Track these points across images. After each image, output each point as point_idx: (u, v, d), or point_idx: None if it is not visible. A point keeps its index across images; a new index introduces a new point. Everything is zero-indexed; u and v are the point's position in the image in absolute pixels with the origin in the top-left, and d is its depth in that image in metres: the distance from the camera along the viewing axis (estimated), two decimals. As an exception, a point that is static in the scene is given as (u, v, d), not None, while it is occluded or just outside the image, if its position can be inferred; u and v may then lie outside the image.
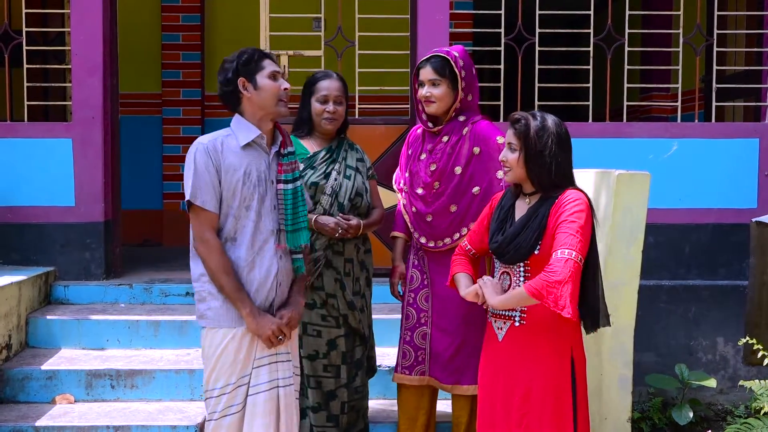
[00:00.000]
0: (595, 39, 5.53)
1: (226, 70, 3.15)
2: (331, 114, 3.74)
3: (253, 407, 3.13)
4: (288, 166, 3.20)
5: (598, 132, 5.46)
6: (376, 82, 5.81)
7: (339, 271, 3.73)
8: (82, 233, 5.43)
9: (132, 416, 4.27)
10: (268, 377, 3.16)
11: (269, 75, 3.14)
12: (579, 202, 2.92)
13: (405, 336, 3.85)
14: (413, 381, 3.82)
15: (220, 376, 3.12)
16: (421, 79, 3.71)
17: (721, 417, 5.07)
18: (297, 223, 3.22)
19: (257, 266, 3.13)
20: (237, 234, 3.11)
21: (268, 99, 3.14)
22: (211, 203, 3.06)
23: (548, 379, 2.96)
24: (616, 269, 3.83)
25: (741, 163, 5.44)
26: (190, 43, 8.03)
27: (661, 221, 5.26)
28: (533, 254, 2.96)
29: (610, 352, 3.83)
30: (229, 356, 3.11)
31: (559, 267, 2.82)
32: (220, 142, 3.11)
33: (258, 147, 3.17)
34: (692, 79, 5.92)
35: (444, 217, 3.72)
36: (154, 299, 5.30)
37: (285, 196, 3.19)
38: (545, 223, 2.93)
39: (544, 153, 2.95)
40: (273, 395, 3.17)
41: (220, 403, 3.12)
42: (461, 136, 3.70)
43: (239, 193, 3.09)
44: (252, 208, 3.12)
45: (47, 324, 4.89)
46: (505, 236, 3.02)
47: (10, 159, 5.42)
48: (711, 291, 5.26)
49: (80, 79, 5.41)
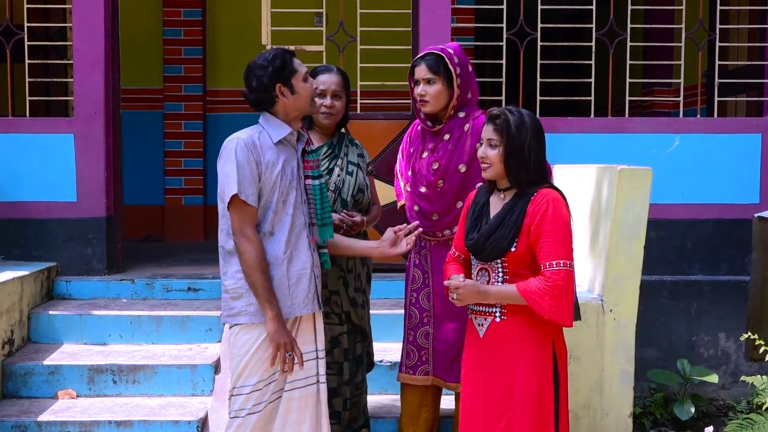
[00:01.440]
0: (597, 34, 5.52)
1: (259, 76, 3.13)
2: (328, 108, 3.69)
3: (288, 403, 3.17)
4: (313, 162, 3.27)
5: (600, 127, 5.45)
6: (377, 77, 5.80)
7: (342, 268, 3.72)
8: (84, 228, 5.44)
9: (134, 411, 4.27)
10: (305, 374, 3.19)
11: (304, 77, 3.18)
12: (555, 204, 2.93)
13: (408, 336, 3.84)
14: (417, 381, 3.81)
15: (253, 372, 3.12)
16: (416, 78, 3.67)
17: (723, 412, 5.07)
18: (325, 217, 3.28)
19: (295, 259, 3.16)
20: (275, 228, 3.14)
21: (304, 101, 3.21)
22: (252, 197, 3.07)
23: (530, 373, 2.96)
24: (618, 264, 3.83)
25: (743, 158, 5.44)
26: (192, 38, 8.01)
27: (663, 216, 5.25)
28: (510, 251, 2.95)
29: (611, 347, 3.83)
30: (266, 352, 3.11)
31: (560, 280, 2.86)
32: (257, 137, 3.13)
33: (288, 144, 3.21)
34: (695, 74, 5.92)
35: (449, 213, 3.71)
36: (156, 294, 5.30)
37: (314, 190, 3.25)
38: (521, 221, 2.94)
39: (524, 148, 2.95)
40: (311, 391, 3.21)
41: (250, 401, 3.12)
42: (463, 132, 3.68)
43: (278, 188, 3.12)
44: (289, 202, 3.16)
45: (49, 319, 4.89)
46: (481, 234, 3.02)
47: (11, 154, 5.42)
48: (713, 286, 5.26)
49: (82, 74, 5.41)
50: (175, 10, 8.00)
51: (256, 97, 3.17)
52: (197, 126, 8.00)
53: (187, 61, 8.01)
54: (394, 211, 4.85)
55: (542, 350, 2.98)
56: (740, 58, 6.60)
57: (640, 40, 6.25)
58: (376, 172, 4.23)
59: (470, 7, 7.59)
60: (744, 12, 6.45)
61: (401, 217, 3.94)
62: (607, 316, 3.83)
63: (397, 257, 4.39)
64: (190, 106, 8.06)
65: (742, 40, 6.56)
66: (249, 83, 3.17)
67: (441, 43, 4.20)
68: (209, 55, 8.06)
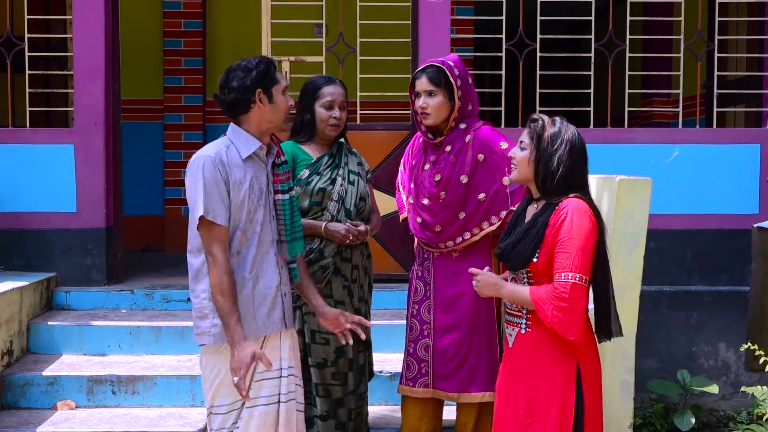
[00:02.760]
0: (597, 45, 5.54)
1: (241, 78, 3.06)
2: (337, 120, 3.71)
3: (248, 420, 3.10)
4: (283, 176, 3.19)
5: (600, 138, 5.46)
6: (377, 87, 5.82)
7: (347, 278, 3.72)
8: (84, 239, 5.43)
9: (133, 422, 4.26)
10: (268, 392, 3.13)
11: (283, 90, 3.13)
12: (576, 214, 2.85)
13: (409, 348, 3.83)
14: (417, 393, 3.79)
15: (225, 394, 3.08)
16: (417, 90, 3.67)
17: (723, 423, 5.06)
18: (294, 232, 3.22)
19: (261, 278, 3.11)
20: (242, 248, 3.08)
21: (280, 114, 3.13)
22: (221, 217, 3.00)
23: (551, 390, 2.91)
24: (618, 275, 3.81)
25: (742, 168, 5.44)
26: (192, 49, 8.04)
27: (663, 227, 5.25)
28: (532, 262, 2.92)
29: (611, 357, 3.83)
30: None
31: (566, 293, 2.80)
32: (224, 153, 3.05)
33: (257, 158, 3.14)
34: (693, 84, 5.93)
35: (452, 224, 3.71)
36: (155, 305, 5.29)
37: (283, 205, 3.18)
38: (543, 232, 2.89)
39: (553, 157, 2.91)
40: (272, 410, 3.13)
41: (229, 420, 3.09)
42: (464, 144, 3.69)
43: (245, 206, 3.06)
44: (257, 220, 3.10)
45: (48, 330, 4.88)
46: (508, 243, 3.00)
47: (12, 165, 5.43)
48: (713, 297, 5.26)
49: (82, 85, 5.42)
50: (176, 21, 8.02)
51: (234, 98, 3.06)
52: (197, 137, 8.00)
53: (188, 71, 8.03)
54: (391, 223, 4.87)
55: (563, 367, 2.91)
56: (739, 69, 6.61)
57: (639, 51, 6.27)
58: (375, 183, 4.24)
59: (470, 18, 7.60)
60: (743, 23, 6.47)
61: (399, 228, 3.94)
62: (607, 327, 3.82)
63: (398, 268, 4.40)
64: (190, 116, 8.07)
65: (740, 51, 6.57)
66: (228, 83, 3.07)
67: (440, 54, 4.21)
68: (209, 65, 8.08)
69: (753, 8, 6.20)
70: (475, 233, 3.69)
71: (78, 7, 5.40)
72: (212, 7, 8.17)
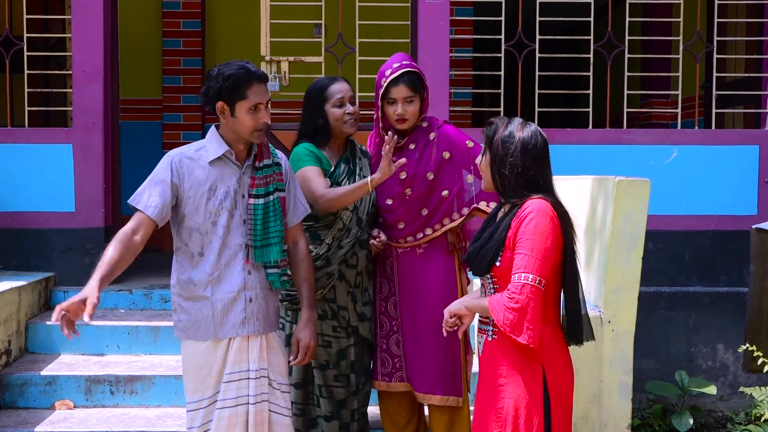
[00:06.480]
0: (596, 46, 5.54)
1: (209, 86, 3.11)
2: (352, 114, 3.63)
3: (218, 422, 3.12)
4: (261, 180, 3.17)
5: (599, 139, 5.46)
6: (376, 88, 5.81)
7: (351, 284, 3.70)
8: (82, 239, 5.43)
9: (131, 422, 4.26)
10: (235, 393, 3.14)
11: (250, 108, 3.08)
12: (534, 215, 2.77)
13: (381, 344, 3.81)
14: (395, 387, 3.78)
15: (196, 389, 3.14)
16: (394, 97, 3.59)
17: (721, 424, 5.06)
18: (267, 238, 3.18)
19: (224, 281, 3.13)
20: (204, 249, 3.12)
21: (242, 130, 3.12)
22: (151, 209, 3.10)
23: (518, 396, 2.84)
24: (616, 276, 3.83)
25: (741, 169, 5.45)
26: (191, 49, 8.03)
27: (661, 228, 5.25)
28: (495, 266, 2.86)
29: (609, 358, 3.83)
30: (200, 370, 3.13)
31: (516, 293, 2.73)
32: (189, 156, 3.13)
33: (229, 161, 3.16)
34: (692, 85, 5.93)
35: (415, 220, 3.69)
36: (153, 305, 5.29)
37: (255, 210, 3.16)
38: (504, 234, 2.83)
39: (506, 159, 2.84)
40: (240, 411, 3.14)
41: (197, 418, 3.13)
42: (428, 141, 3.68)
43: (203, 208, 3.10)
44: (219, 223, 3.11)
45: (47, 329, 4.88)
46: (474, 247, 2.96)
47: (10, 164, 5.42)
48: (711, 298, 5.26)
49: (81, 84, 5.41)
50: (175, 21, 8.01)
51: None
52: (196, 137, 7.96)
53: (186, 71, 8.02)
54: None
55: (529, 375, 2.84)
56: (738, 70, 6.62)
57: (638, 52, 6.27)
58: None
59: (469, 18, 7.61)
60: (741, 24, 6.47)
61: None
62: (606, 328, 3.82)
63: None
64: (189, 116, 8.06)
65: (739, 52, 6.58)
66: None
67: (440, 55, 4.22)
68: (208, 65, 8.05)
69: (752, 9, 6.21)
70: (436, 229, 3.68)
71: (77, 6, 5.40)
72: (211, 7, 8.17)
